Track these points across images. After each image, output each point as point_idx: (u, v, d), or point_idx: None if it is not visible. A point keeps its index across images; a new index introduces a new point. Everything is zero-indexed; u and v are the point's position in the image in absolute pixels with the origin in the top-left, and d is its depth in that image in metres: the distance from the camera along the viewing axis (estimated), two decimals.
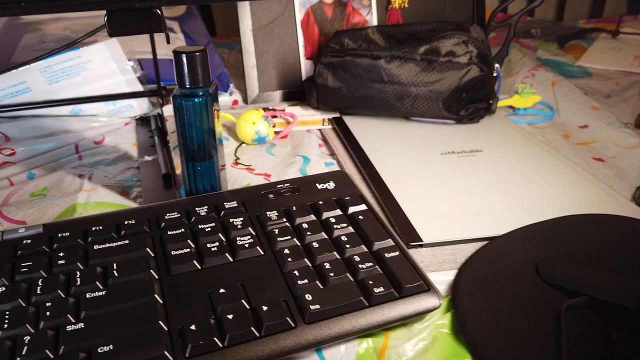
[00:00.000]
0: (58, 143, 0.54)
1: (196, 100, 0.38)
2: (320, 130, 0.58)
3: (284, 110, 0.61)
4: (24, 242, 0.33)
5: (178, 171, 0.49)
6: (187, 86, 0.38)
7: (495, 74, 0.57)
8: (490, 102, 0.57)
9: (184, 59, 0.37)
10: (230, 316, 0.29)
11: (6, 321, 0.28)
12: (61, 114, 0.58)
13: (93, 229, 0.34)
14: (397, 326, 0.31)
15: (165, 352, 0.27)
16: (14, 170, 0.49)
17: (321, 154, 0.53)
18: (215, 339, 0.27)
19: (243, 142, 0.55)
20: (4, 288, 0.30)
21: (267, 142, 0.55)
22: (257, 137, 0.54)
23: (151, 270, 0.31)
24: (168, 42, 0.34)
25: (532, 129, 0.58)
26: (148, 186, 0.47)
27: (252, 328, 0.28)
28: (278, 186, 0.40)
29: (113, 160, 0.51)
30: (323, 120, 0.59)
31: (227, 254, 0.33)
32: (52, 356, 0.26)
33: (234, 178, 0.48)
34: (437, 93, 0.53)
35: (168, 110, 0.60)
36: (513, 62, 0.76)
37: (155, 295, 0.30)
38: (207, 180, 0.41)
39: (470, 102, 0.55)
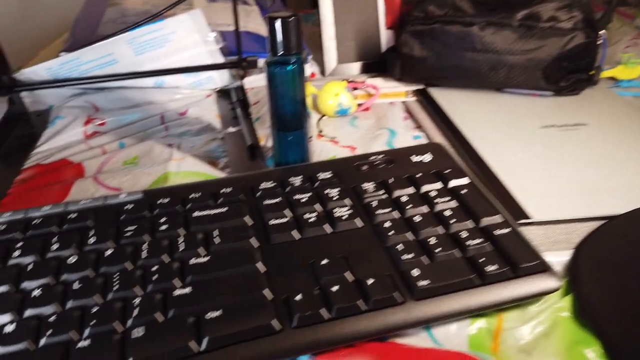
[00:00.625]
0: (144, 114, 0.55)
1: (289, 67, 0.37)
2: (403, 102, 0.55)
3: (364, 82, 0.59)
4: (126, 207, 0.34)
5: (262, 142, 0.48)
6: (281, 53, 0.37)
7: (599, 42, 0.52)
8: (592, 72, 0.52)
9: (278, 25, 0.36)
10: (334, 288, 0.28)
11: (116, 283, 0.28)
12: (145, 85, 0.59)
13: (191, 196, 0.34)
14: (511, 308, 0.29)
15: (272, 322, 0.26)
16: (106, 140, 0.50)
17: (407, 127, 0.51)
18: (321, 310, 0.27)
19: (324, 115, 0.54)
20: (112, 250, 0.30)
21: (349, 115, 0.53)
22: (339, 109, 0.53)
23: (252, 239, 0.31)
24: (268, 6, 0.33)
25: (639, 102, 0.53)
26: (234, 157, 0.46)
27: (359, 301, 0.27)
28: (371, 158, 0.38)
29: (198, 131, 0.51)
30: (406, 92, 0.57)
31: (325, 225, 0.32)
32: (162, 319, 0.26)
33: (319, 150, 0.47)
34: (537, 62, 0.49)
35: (249, 82, 0.60)
36: (612, 31, 0.70)
37: (258, 264, 0.29)
38: (297, 151, 0.40)
39: (571, 72, 0.51)
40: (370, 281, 0.28)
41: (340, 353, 0.26)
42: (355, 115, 0.53)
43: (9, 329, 0.25)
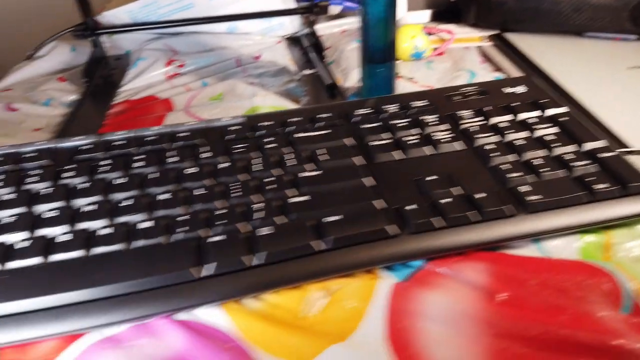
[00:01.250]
0: (219, 58, 0.56)
1: None
2: (478, 47, 0.55)
3: (436, 27, 0.58)
4: (229, 128, 0.35)
5: (338, 83, 0.49)
6: None
7: None
8: None
9: None
10: (445, 200, 0.28)
11: (236, 191, 0.29)
12: (219, 31, 0.60)
13: (289, 120, 0.35)
14: (617, 225, 0.29)
15: (388, 228, 0.27)
16: (188, 80, 0.52)
17: (486, 69, 0.50)
18: (434, 219, 0.27)
19: (398, 59, 0.54)
20: (226, 164, 0.31)
21: (424, 59, 0.53)
22: (414, 52, 0.53)
23: (356, 157, 0.32)
24: None
25: None
26: (314, 96, 0.47)
27: (470, 213, 0.28)
28: (463, 89, 0.39)
29: (275, 73, 0.52)
30: (481, 37, 0.56)
31: (426, 147, 0.33)
32: (284, 221, 0.28)
33: (399, 89, 0.47)
34: (624, 2, 0.48)
35: (319, 29, 0.60)
36: None
37: (366, 179, 0.30)
38: (386, 84, 0.41)
39: None
40: (479, 195, 0.29)
41: (452, 259, 0.27)
42: (430, 59, 0.53)
43: (144, 225, 0.27)
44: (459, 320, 0.24)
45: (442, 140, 0.33)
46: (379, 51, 0.39)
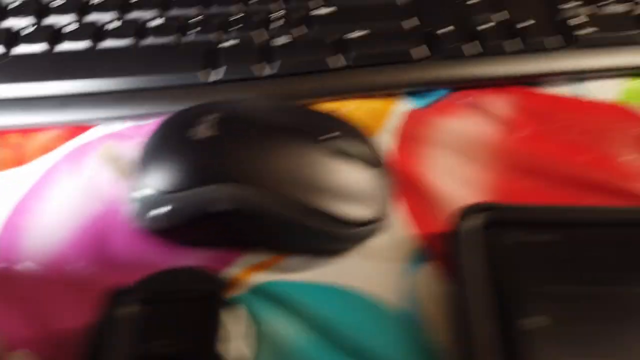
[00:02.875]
0: None
1: None
2: None
3: None
4: None
5: None
6: None
7: None
8: None
9: None
10: (485, 26, 0.25)
11: None
12: None
13: None
14: None
15: (415, 49, 0.25)
16: None
17: None
18: (469, 44, 0.25)
19: None
20: None
21: None
22: None
23: None
24: None
25: None
26: None
27: (509, 41, 0.25)
28: None
29: None
30: None
31: None
32: (303, 32, 0.25)
33: None
34: None
35: None
36: None
37: None
38: None
39: None
40: (525, 23, 0.25)
41: (480, 90, 0.25)
42: None
43: (155, 23, 0.26)
44: (472, 148, 0.23)
45: None
46: None
